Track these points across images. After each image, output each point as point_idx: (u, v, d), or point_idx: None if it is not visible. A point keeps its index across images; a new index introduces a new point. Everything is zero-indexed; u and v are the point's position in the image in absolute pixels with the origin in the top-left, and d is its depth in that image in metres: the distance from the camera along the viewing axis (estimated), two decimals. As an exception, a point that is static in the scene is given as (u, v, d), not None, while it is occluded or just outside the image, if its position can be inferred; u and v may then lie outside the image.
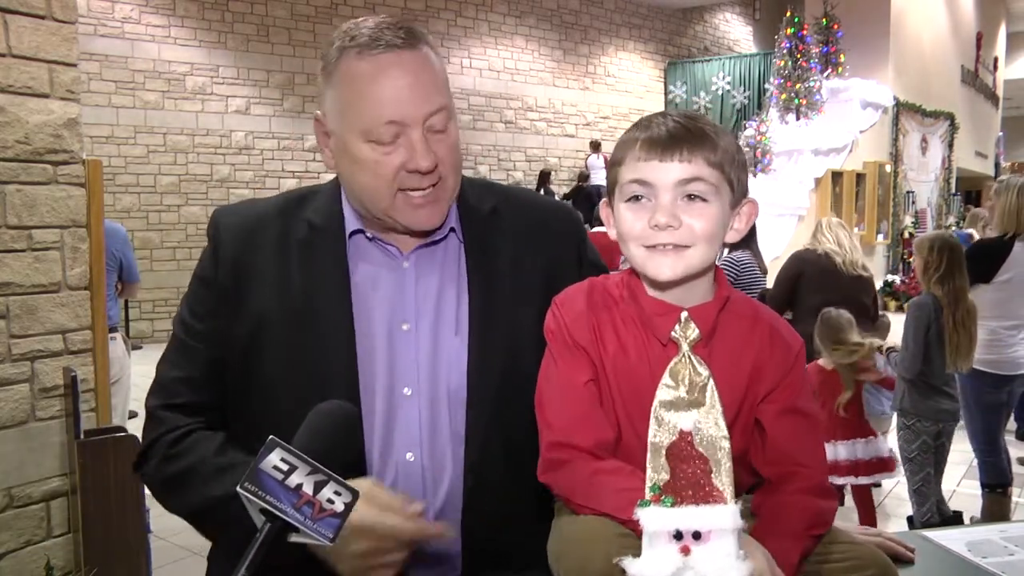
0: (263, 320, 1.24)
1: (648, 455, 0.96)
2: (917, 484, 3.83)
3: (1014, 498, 4.44)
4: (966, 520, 4.19)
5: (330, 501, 0.87)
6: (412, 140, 1.18)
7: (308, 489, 0.87)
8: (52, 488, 2.73)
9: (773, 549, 0.97)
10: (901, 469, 3.92)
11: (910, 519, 3.96)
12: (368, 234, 1.29)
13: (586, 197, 12.30)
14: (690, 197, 1.06)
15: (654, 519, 0.90)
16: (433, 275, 1.29)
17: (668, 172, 1.06)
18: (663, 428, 0.98)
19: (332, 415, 0.99)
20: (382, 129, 1.18)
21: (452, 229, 1.31)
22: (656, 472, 0.95)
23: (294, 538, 0.87)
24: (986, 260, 4.07)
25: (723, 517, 0.89)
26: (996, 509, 4.15)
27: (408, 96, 1.18)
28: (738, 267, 4.56)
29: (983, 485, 4.20)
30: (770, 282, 5.06)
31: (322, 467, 0.89)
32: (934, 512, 3.82)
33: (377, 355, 1.24)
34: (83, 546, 2.59)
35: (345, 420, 1.02)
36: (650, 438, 0.98)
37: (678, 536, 0.89)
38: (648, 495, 0.93)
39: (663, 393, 1.01)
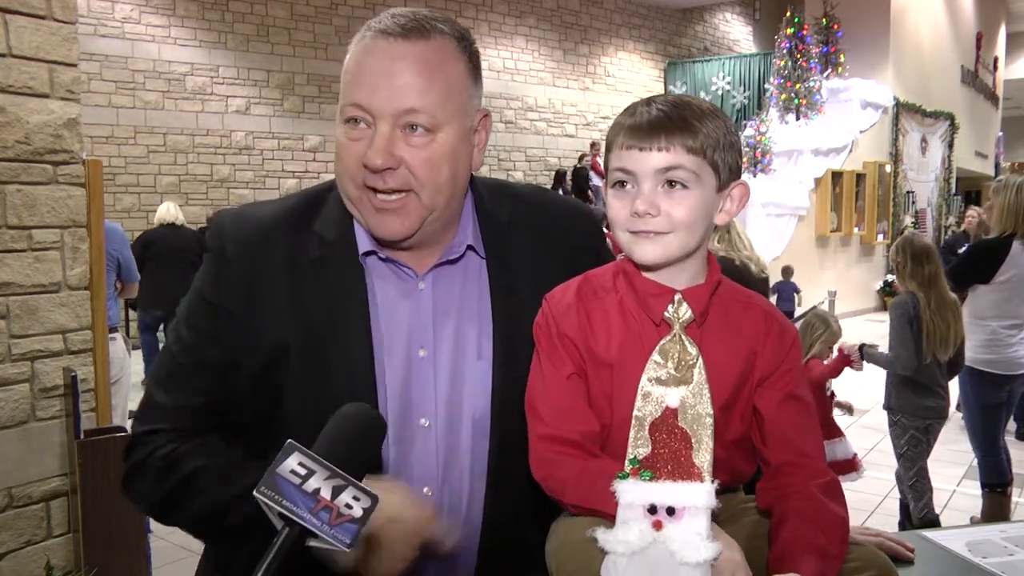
0: (278, 352, 1.15)
1: (631, 429, 0.98)
2: (912, 480, 3.88)
3: (1014, 498, 4.45)
4: (965, 520, 4.21)
5: (348, 506, 0.85)
6: (376, 132, 1.10)
7: (326, 494, 0.85)
8: (52, 488, 2.73)
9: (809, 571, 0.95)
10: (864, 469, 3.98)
11: (904, 508, 3.99)
12: (381, 254, 1.19)
13: (585, 178, 13.16)
14: (670, 184, 1.07)
15: (630, 491, 0.92)
16: (453, 296, 1.21)
17: (648, 161, 1.07)
18: (648, 403, 1.00)
19: (353, 419, 0.95)
20: (349, 110, 1.12)
21: (470, 246, 1.22)
22: (637, 446, 0.96)
23: (312, 543, 0.86)
24: (985, 260, 4.08)
25: (698, 495, 0.91)
26: (996, 509, 4.16)
27: (383, 84, 1.09)
28: None
29: (983, 485, 4.21)
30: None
31: (340, 471, 0.86)
32: (931, 508, 3.86)
33: (391, 384, 1.16)
34: (83, 546, 2.59)
35: (366, 424, 0.97)
36: (635, 412, 0.99)
37: (652, 510, 0.91)
38: (627, 467, 0.95)
39: (651, 369, 1.02)
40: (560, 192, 12.56)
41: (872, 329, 9.13)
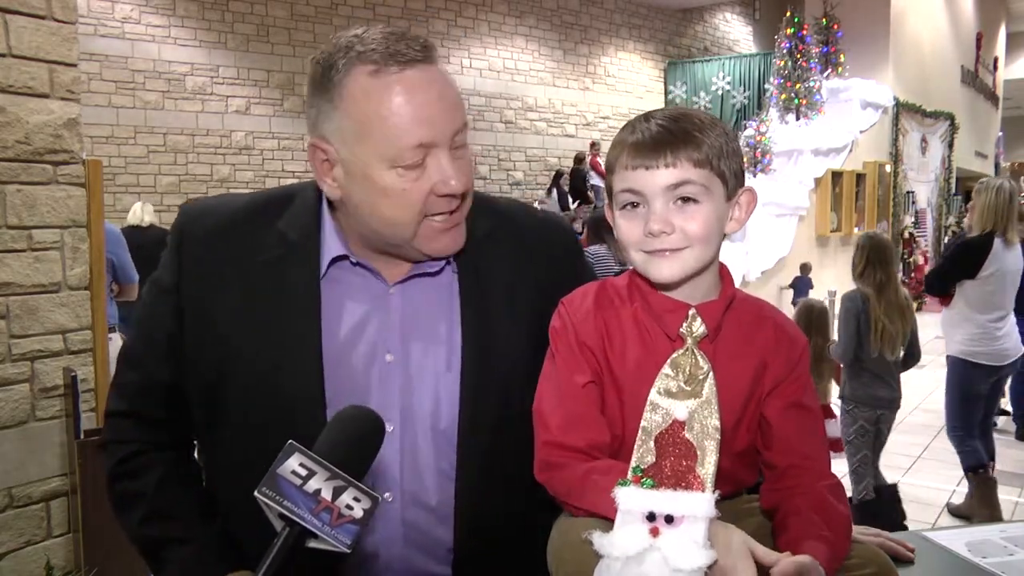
0: (230, 348, 1.16)
1: (638, 438, 0.98)
2: (854, 465, 4.04)
3: (1014, 498, 4.48)
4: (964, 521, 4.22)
5: (349, 507, 0.86)
6: (441, 162, 1.10)
7: (327, 495, 0.86)
8: (52, 488, 2.73)
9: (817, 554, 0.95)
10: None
11: (849, 500, 4.08)
12: (353, 259, 1.19)
13: (583, 178, 13.10)
14: (682, 200, 1.07)
15: (630, 498, 0.92)
16: (423, 304, 1.21)
17: (656, 179, 1.06)
18: (656, 414, 1.00)
19: (354, 420, 0.96)
20: (409, 153, 1.08)
21: (447, 260, 1.23)
22: (642, 455, 0.97)
23: (312, 544, 0.86)
24: (969, 258, 4.32)
25: (698, 504, 0.91)
26: (984, 491, 4.35)
27: (438, 114, 1.10)
28: (593, 259, 4.60)
29: (965, 470, 4.42)
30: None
31: (341, 472, 0.87)
32: (870, 490, 4.01)
33: (353, 387, 1.16)
34: (83, 546, 2.59)
35: (366, 425, 0.97)
36: (642, 423, 0.99)
37: (651, 517, 0.91)
38: (630, 476, 0.95)
39: (661, 381, 1.03)
40: (556, 192, 12.64)
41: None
